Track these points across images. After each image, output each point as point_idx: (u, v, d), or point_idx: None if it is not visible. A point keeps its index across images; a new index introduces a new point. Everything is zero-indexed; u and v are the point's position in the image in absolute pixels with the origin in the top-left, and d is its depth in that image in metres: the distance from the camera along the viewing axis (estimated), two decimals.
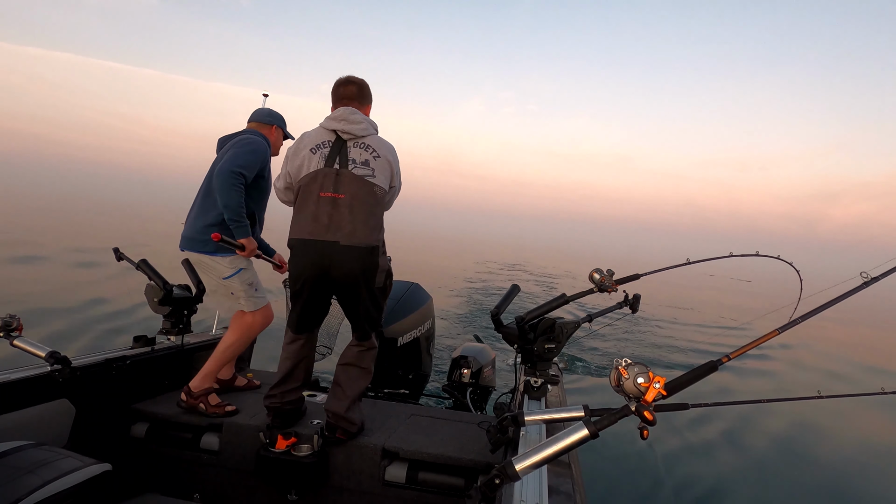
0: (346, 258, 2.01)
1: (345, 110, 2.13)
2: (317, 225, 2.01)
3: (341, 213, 2.01)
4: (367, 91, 2.27)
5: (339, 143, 2.09)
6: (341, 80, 2.24)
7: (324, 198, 2.02)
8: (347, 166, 2.05)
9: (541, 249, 51.35)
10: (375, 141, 2.14)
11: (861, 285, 1.58)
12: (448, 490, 2.11)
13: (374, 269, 2.09)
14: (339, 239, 1.99)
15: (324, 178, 2.04)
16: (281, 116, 2.81)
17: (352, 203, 2.02)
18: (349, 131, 2.10)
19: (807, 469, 4.74)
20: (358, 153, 2.08)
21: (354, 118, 2.11)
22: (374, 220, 2.07)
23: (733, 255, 2.49)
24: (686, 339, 10.40)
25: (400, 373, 3.31)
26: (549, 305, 2.29)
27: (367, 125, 2.14)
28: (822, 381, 8.45)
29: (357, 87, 2.23)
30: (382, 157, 2.11)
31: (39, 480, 1.46)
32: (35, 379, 2.04)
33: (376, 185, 2.07)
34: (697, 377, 1.36)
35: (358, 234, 2.01)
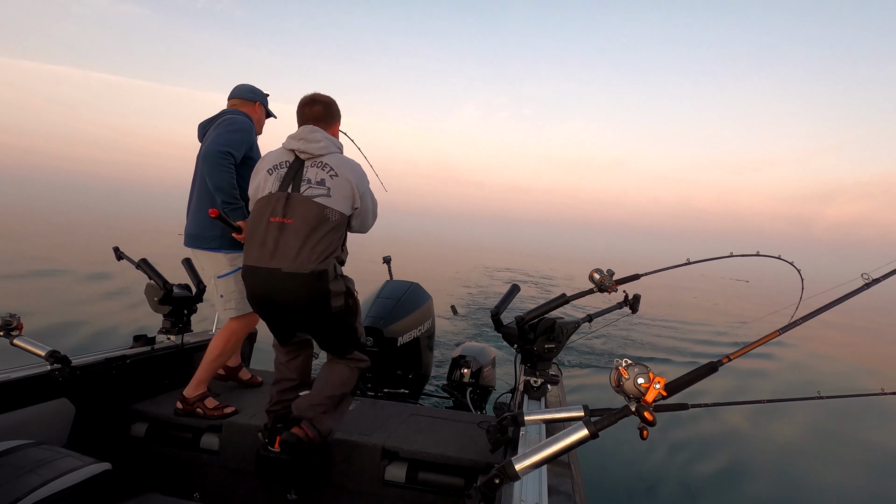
0: (288, 285, 1.91)
1: (304, 129, 2.04)
2: (263, 251, 1.93)
3: (287, 238, 1.91)
4: (333, 109, 2.17)
5: (297, 164, 2.00)
6: (305, 100, 2.13)
7: (273, 223, 1.93)
8: (300, 188, 1.95)
9: (539, 254, 51.34)
10: (335, 159, 2.02)
11: (862, 286, 1.58)
12: (448, 490, 2.11)
13: (323, 296, 1.94)
14: (281, 265, 1.89)
15: (276, 203, 1.94)
16: (263, 94, 2.73)
17: (299, 227, 1.91)
18: (307, 150, 2.00)
19: (807, 469, 4.74)
20: (314, 172, 1.98)
21: (313, 136, 2.01)
22: (323, 244, 1.93)
23: (734, 255, 2.49)
24: (686, 340, 10.40)
25: (400, 373, 3.31)
26: (549, 305, 2.29)
27: (326, 143, 2.02)
28: (822, 381, 8.45)
29: (323, 107, 2.13)
30: (341, 177, 1.99)
31: (39, 480, 1.46)
32: (35, 378, 2.04)
33: (329, 207, 1.94)
34: (697, 378, 1.36)
35: (302, 259, 1.89)
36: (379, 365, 3.23)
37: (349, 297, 2.07)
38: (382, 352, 3.19)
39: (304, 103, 2.13)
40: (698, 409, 1.76)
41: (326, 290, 1.94)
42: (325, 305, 1.96)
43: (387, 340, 3.19)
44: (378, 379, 3.28)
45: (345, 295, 2.04)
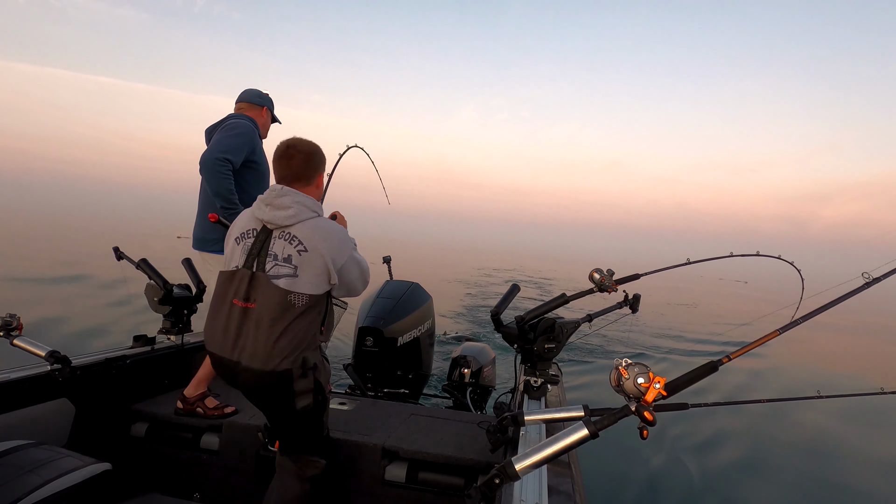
0: (250, 381, 1.71)
1: (271, 192, 1.74)
2: (225, 338, 1.70)
3: (249, 327, 1.68)
4: (315, 160, 1.83)
5: (265, 234, 1.72)
6: (280, 151, 1.80)
7: (235, 307, 1.70)
8: (265, 267, 1.68)
9: (538, 255, 51.36)
10: (306, 230, 1.70)
11: (863, 286, 1.59)
12: (448, 490, 2.11)
13: (288, 396, 1.71)
14: (241, 359, 1.67)
15: (239, 282, 1.70)
16: (270, 98, 2.76)
17: (261, 316, 1.66)
18: (272, 221, 1.70)
19: (807, 469, 4.74)
20: (281, 246, 1.69)
21: (280, 202, 1.71)
22: (288, 337, 1.66)
23: (734, 255, 2.49)
24: (686, 340, 10.40)
25: (400, 373, 3.31)
26: (548, 305, 2.29)
27: (297, 210, 1.71)
28: (822, 381, 8.45)
29: (302, 160, 1.79)
30: (312, 251, 1.68)
31: (39, 480, 1.46)
32: (35, 378, 2.04)
33: (294, 292, 1.66)
34: (697, 377, 1.36)
35: (260, 355, 1.65)
36: (379, 365, 3.23)
37: (319, 393, 1.79)
38: (382, 352, 3.19)
39: (280, 155, 1.80)
40: (698, 409, 1.76)
41: (290, 392, 1.71)
42: (287, 405, 1.74)
43: (387, 340, 3.19)
44: (378, 379, 3.28)
45: (314, 393, 1.77)
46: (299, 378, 1.72)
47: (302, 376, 1.72)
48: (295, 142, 1.81)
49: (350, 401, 2.74)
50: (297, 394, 1.73)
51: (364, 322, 3.24)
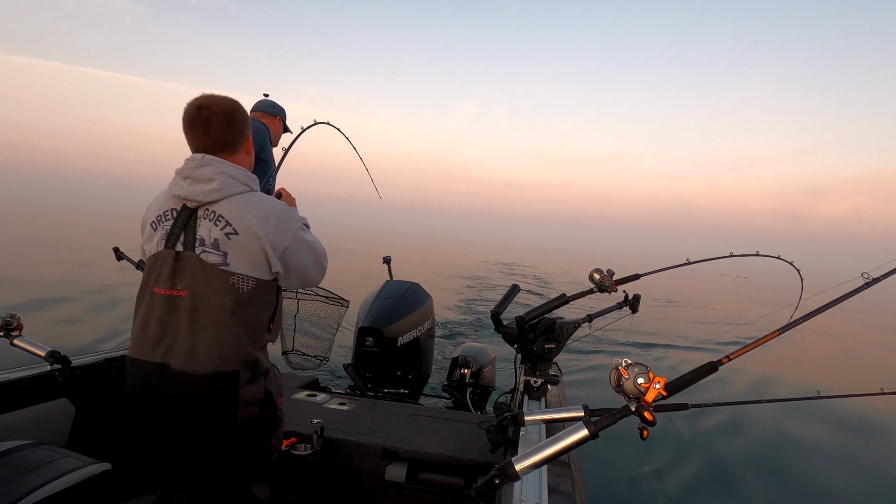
0: (178, 390, 1.32)
1: (189, 162, 1.39)
2: (145, 337, 1.36)
3: (178, 320, 1.33)
4: (239, 121, 1.44)
5: (186, 214, 1.38)
6: (192, 114, 1.40)
7: (157, 295, 1.36)
8: (195, 247, 1.35)
9: (535, 251, 51.33)
10: (234, 208, 1.36)
11: (862, 286, 1.59)
12: (448, 490, 2.11)
13: (228, 407, 1.35)
14: (169, 361, 1.32)
15: (161, 266, 1.37)
16: (283, 109, 2.91)
17: (194, 305, 1.33)
18: (192, 197, 1.36)
19: (807, 469, 4.74)
20: (207, 229, 1.35)
21: (201, 174, 1.36)
22: (230, 332, 1.34)
23: (734, 255, 2.49)
24: (686, 340, 10.40)
25: (400, 373, 3.31)
26: (549, 305, 2.29)
27: (221, 183, 1.36)
28: (822, 381, 8.46)
29: (223, 123, 1.40)
30: (244, 233, 1.35)
31: (39, 480, 1.46)
32: (35, 378, 2.04)
33: (237, 274, 1.34)
34: (697, 377, 1.36)
35: (200, 354, 1.32)
36: (379, 365, 3.23)
37: (267, 407, 1.44)
38: (382, 352, 3.19)
39: (191, 119, 1.40)
40: (698, 409, 1.76)
41: (233, 399, 1.35)
42: (228, 418, 1.36)
43: (387, 340, 3.19)
44: (378, 379, 3.28)
45: (261, 405, 1.42)
46: (247, 383, 1.38)
47: (250, 381, 1.38)
48: (208, 101, 1.40)
49: (350, 401, 2.74)
50: (243, 403, 1.37)
51: (364, 322, 3.25)
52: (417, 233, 59.78)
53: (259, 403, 1.42)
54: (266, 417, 1.46)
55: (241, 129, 1.46)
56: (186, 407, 1.34)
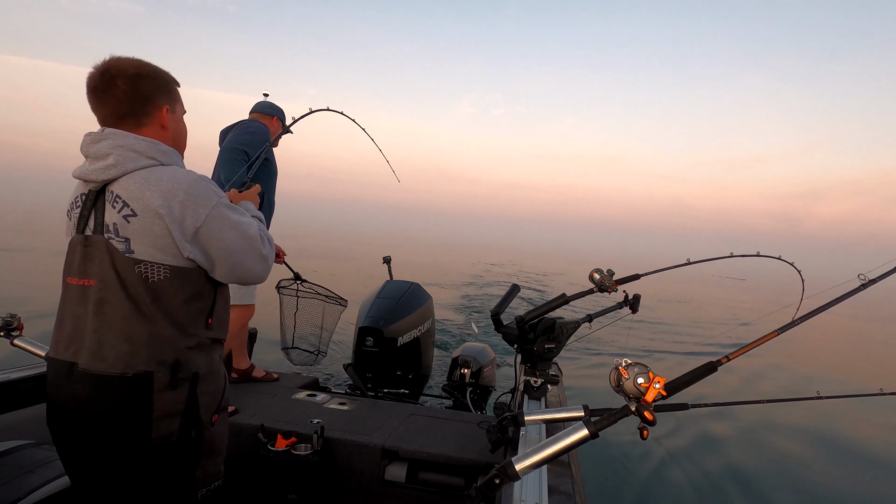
0: (86, 394, 1.15)
1: (86, 138, 1.22)
2: (59, 334, 1.22)
3: (87, 312, 1.17)
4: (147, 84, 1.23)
5: (93, 197, 1.20)
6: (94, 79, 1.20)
7: (70, 286, 1.22)
8: (103, 231, 1.18)
9: (532, 252, 51.32)
10: (132, 185, 1.16)
11: (859, 287, 1.59)
12: (448, 490, 2.11)
13: (139, 415, 1.15)
14: (78, 359, 1.16)
15: (72, 254, 1.22)
16: (281, 110, 2.95)
17: (102, 296, 1.16)
18: (87, 176, 1.20)
19: (807, 469, 4.74)
20: (109, 213, 1.17)
21: (97, 149, 1.19)
22: (143, 328, 1.16)
23: (734, 255, 2.50)
24: (685, 340, 10.41)
25: (400, 373, 3.31)
26: (549, 305, 2.29)
27: (118, 157, 1.17)
28: (822, 381, 8.46)
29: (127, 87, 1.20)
30: (143, 213, 1.15)
31: (39, 480, 1.46)
32: (35, 378, 2.04)
33: (144, 261, 1.16)
34: (697, 377, 1.36)
35: (106, 351, 1.14)
36: (379, 365, 3.24)
37: (192, 423, 1.21)
38: (382, 352, 3.20)
39: (93, 86, 1.20)
40: (698, 409, 1.76)
41: (145, 407, 1.15)
42: (139, 432, 1.15)
43: (387, 340, 3.19)
44: (378, 379, 3.28)
45: (182, 419, 1.19)
46: (164, 389, 1.17)
47: (169, 388, 1.17)
48: (113, 63, 1.19)
49: (350, 401, 2.74)
50: (158, 414, 1.16)
51: (364, 322, 3.25)
52: (415, 235, 59.81)
53: (180, 417, 1.19)
54: (188, 438, 1.21)
55: (148, 97, 1.23)
56: (94, 414, 1.15)
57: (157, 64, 1.29)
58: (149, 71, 1.24)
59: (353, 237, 28.64)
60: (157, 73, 1.26)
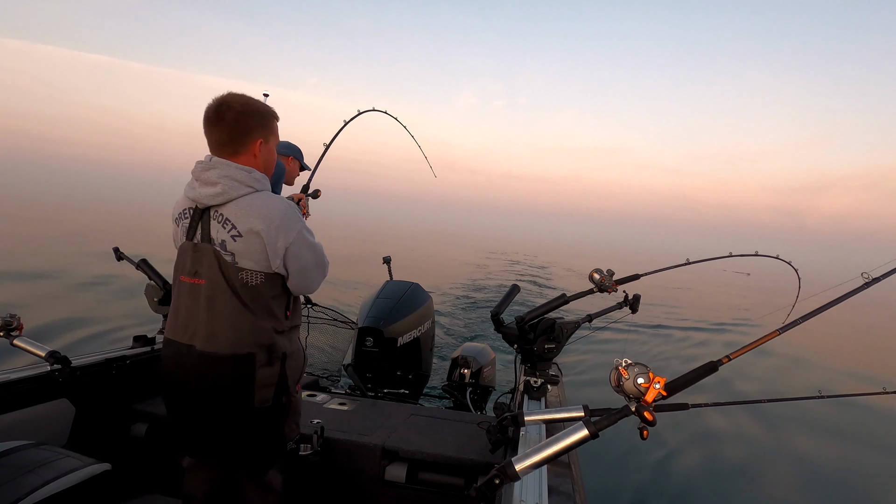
0: (201, 369, 1.46)
1: (198, 165, 1.49)
2: (175, 322, 1.51)
3: (199, 306, 1.46)
4: (248, 121, 1.49)
5: (199, 214, 1.49)
6: (207, 110, 1.48)
7: (184, 284, 1.50)
8: (210, 241, 1.46)
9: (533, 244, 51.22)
10: (239, 209, 1.44)
11: (862, 286, 1.59)
12: (448, 490, 2.11)
13: (245, 386, 1.47)
14: (195, 343, 1.46)
15: (184, 257, 1.50)
16: (297, 149, 3.02)
17: (212, 293, 1.45)
18: (198, 199, 1.46)
19: (807, 469, 4.74)
20: (216, 230, 1.45)
21: (207, 177, 1.45)
22: (246, 319, 1.45)
23: (733, 255, 2.50)
24: (686, 339, 10.40)
25: (400, 373, 3.31)
26: (549, 305, 2.29)
27: (225, 186, 1.43)
28: (823, 380, 8.45)
29: (230, 122, 1.46)
30: (247, 234, 1.43)
31: (39, 480, 1.46)
32: (35, 378, 2.04)
33: (245, 269, 1.45)
34: (697, 377, 1.36)
35: (219, 338, 1.44)
36: (379, 365, 3.24)
37: (283, 392, 1.54)
38: (382, 352, 3.20)
39: (205, 116, 1.48)
40: (698, 409, 1.76)
41: (249, 379, 1.47)
42: (245, 399, 1.47)
43: (387, 340, 3.19)
44: (378, 379, 3.28)
45: (276, 388, 1.52)
46: (263, 366, 1.48)
47: (267, 364, 1.49)
48: (225, 98, 1.47)
49: (350, 401, 2.74)
50: (259, 385, 1.48)
51: (364, 322, 3.25)
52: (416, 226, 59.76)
53: (274, 387, 1.52)
54: (280, 403, 1.55)
55: (247, 132, 1.49)
56: (210, 386, 1.48)
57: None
58: (252, 108, 1.50)
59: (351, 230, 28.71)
60: (258, 110, 1.52)
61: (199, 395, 1.50)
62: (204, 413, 1.53)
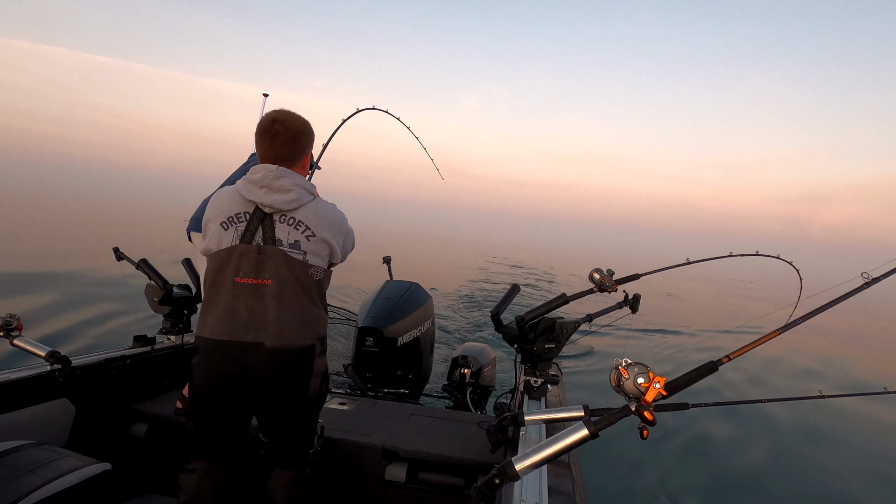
0: (272, 364, 1.56)
1: (267, 173, 1.58)
2: (234, 322, 1.55)
3: (266, 304, 1.55)
4: (306, 136, 1.68)
5: (260, 217, 1.58)
6: (266, 125, 1.62)
7: (242, 285, 1.55)
8: (274, 243, 1.57)
9: (535, 249, 51.26)
10: (310, 214, 1.61)
11: (862, 286, 1.59)
12: (448, 490, 2.11)
13: (307, 375, 1.62)
14: (263, 340, 1.54)
15: (240, 259, 1.55)
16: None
17: (281, 292, 1.55)
18: (273, 205, 1.57)
19: (807, 469, 4.74)
20: (285, 231, 1.58)
21: (280, 185, 1.57)
22: (310, 312, 1.61)
23: (733, 254, 2.50)
24: (686, 339, 10.39)
25: (400, 373, 3.31)
26: (549, 305, 2.29)
27: (297, 193, 1.59)
28: (824, 380, 8.45)
29: (291, 138, 1.63)
30: (319, 235, 1.61)
31: (39, 480, 1.46)
32: (35, 378, 2.04)
33: (313, 266, 1.60)
34: (697, 377, 1.36)
35: (288, 332, 1.56)
36: (379, 365, 3.23)
37: (326, 381, 1.72)
38: (382, 352, 3.19)
39: (264, 130, 1.62)
40: (698, 409, 1.76)
41: (311, 368, 1.62)
42: (303, 388, 1.62)
43: (387, 340, 3.19)
44: (378, 379, 3.28)
45: (322, 378, 1.69)
46: (319, 355, 1.64)
47: (321, 353, 1.66)
48: (283, 116, 1.63)
49: (350, 401, 2.74)
50: (314, 374, 1.63)
51: (364, 322, 3.25)
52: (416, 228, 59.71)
53: (321, 376, 1.68)
54: (322, 391, 1.70)
55: (302, 148, 1.68)
56: (277, 379, 1.58)
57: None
58: (306, 128, 1.68)
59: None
60: (310, 130, 1.71)
61: (264, 392, 1.59)
62: (266, 409, 1.65)
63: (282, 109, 1.66)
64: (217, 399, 1.61)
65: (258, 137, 1.64)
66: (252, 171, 1.60)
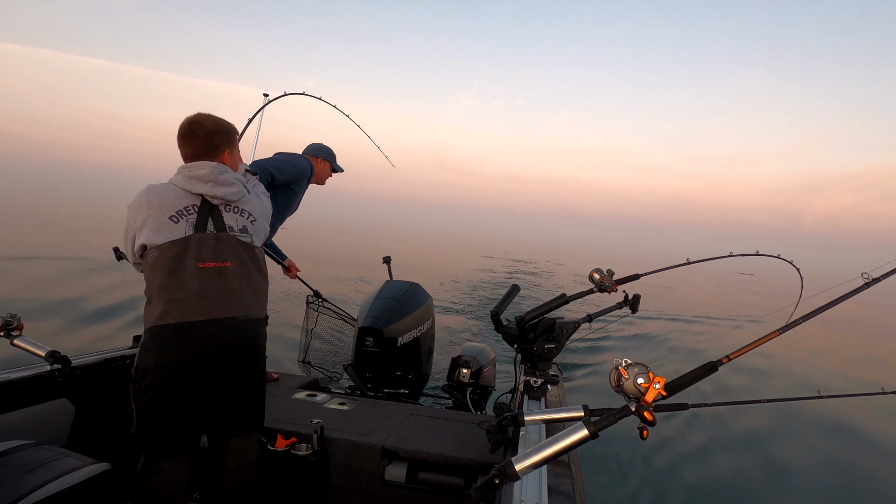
0: (244, 334, 1.76)
1: (211, 169, 1.73)
2: (208, 302, 1.68)
3: (230, 283, 1.72)
4: (219, 137, 1.80)
5: (209, 208, 1.74)
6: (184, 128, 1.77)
7: (206, 269, 1.69)
8: (226, 229, 1.76)
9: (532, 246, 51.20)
10: (251, 204, 1.85)
11: (862, 286, 1.59)
12: (448, 490, 2.11)
13: (264, 342, 1.89)
14: (236, 314, 1.73)
15: (198, 246, 1.69)
16: (330, 150, 3.12)
17: (240, 271, 1.75)
18: (222, 196, 1.75)
19: (807, 469, 4.74)
20: (234, 219, 1.78)
21: (225, 179, 1.74)
22: (262, 285, 1.85)
23: (733, 254, 2.49)
24: (686, 339, 10.39)
25: (400, 373, 3.31)
26: (548, 305, 2.29)
27: (239, 186, 1.79)
28: (823, 380, 8.45)
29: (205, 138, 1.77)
30: (259, 219, 1.86)
31: (39, 480, 1.46)
32: (35, 378, 2.04)
33: (257, 246, 1.85)
34: (697, 377, 1.36)
35: (253, 304, 1.79)
36: (379, 365, 3.23)
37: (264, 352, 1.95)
38: (382, 352, 3.19)
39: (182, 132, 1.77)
40: (698, 409, 1.76)
41: (264, 340, 1.89)
42: (263, 354, 1.89)
43: (387, 340, 3.19)
44: (378, 379, 3.28)
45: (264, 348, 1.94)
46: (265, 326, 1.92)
47: (266, 325, 1.92)
48: (199, 118, 1.78)
49: (350, 401, 2.74)
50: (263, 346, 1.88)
51: (364, 322, 3.24)
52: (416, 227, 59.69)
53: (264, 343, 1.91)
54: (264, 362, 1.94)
55: (218, 145, 1.80)
56: (251, 347, 1.80)
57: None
58: (221, 128, 1.81)
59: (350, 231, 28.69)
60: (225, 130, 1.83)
61: (234, 363, 1.75)
62: (232, 381, 1.77)
63: (199, 113, 1.82)
64: (186, 384, 1.69)
65: (179, 139, 1.80)
66: (191, 168, 1.73)
